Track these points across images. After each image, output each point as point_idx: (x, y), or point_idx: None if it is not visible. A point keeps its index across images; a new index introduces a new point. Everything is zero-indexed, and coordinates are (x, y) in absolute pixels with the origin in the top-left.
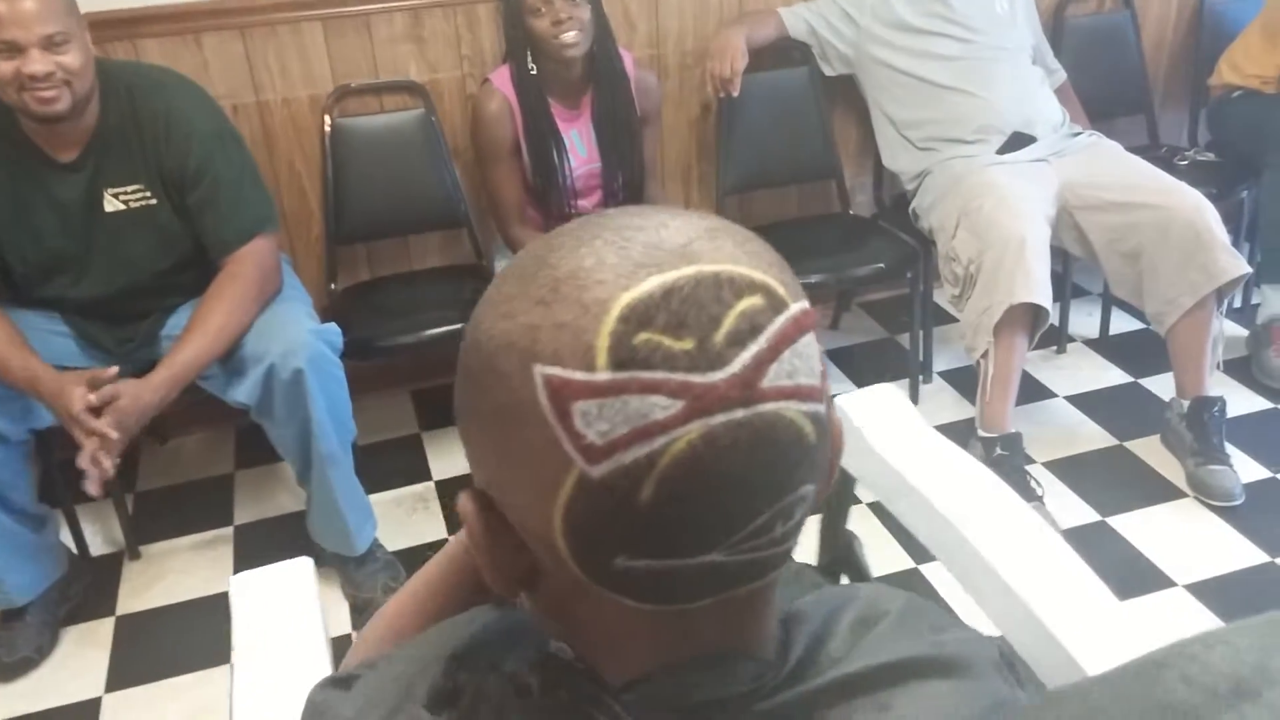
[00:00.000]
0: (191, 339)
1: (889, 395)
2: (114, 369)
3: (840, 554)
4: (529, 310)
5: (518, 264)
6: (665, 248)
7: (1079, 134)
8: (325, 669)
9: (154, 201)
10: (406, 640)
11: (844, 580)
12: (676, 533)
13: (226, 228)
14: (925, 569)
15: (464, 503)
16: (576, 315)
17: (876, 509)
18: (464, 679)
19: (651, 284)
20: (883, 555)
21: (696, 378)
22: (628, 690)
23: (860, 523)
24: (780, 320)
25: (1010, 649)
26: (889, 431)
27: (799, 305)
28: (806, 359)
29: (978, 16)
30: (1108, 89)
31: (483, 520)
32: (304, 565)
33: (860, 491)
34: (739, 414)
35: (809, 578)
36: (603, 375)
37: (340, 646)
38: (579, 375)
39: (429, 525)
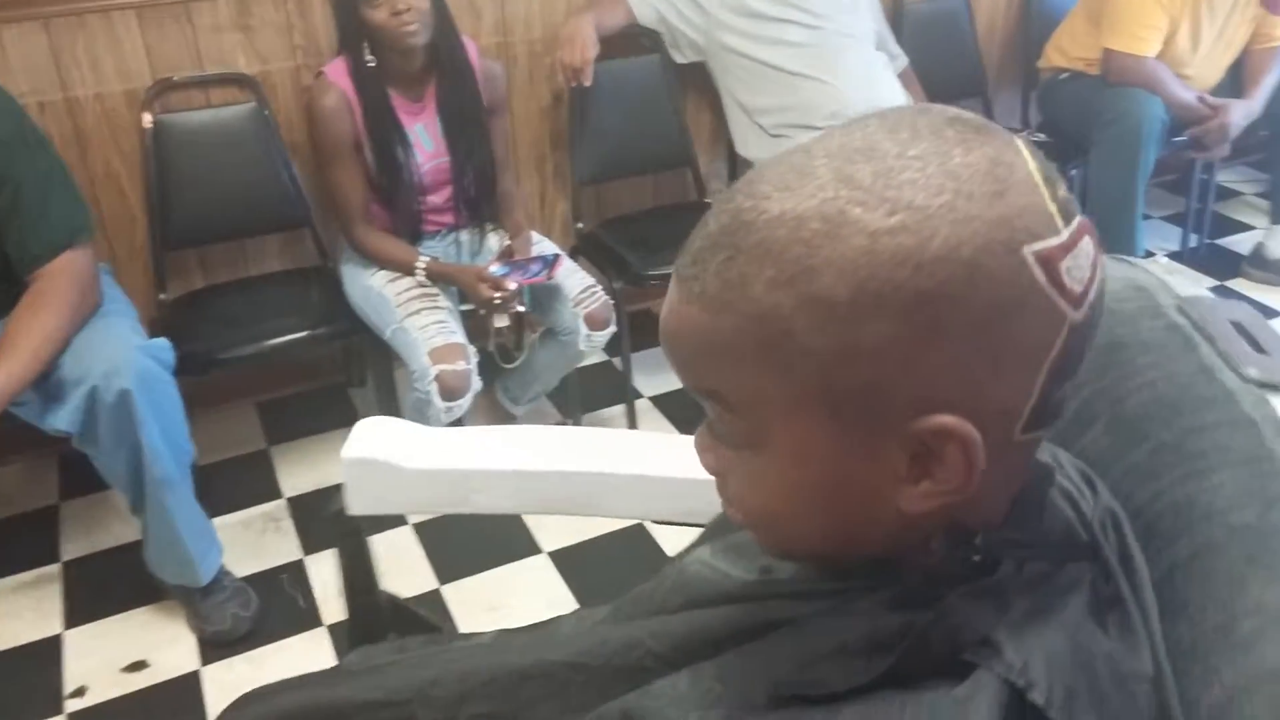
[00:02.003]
0: (0, 364)
1: (392, 422)
2: None
3: (386, 616)
4: (987, 205)
5: (889, 184)
6: (979, 126)
7: None
8: None
9: None
10: None
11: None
12: (1089, 346)
13: (34, 240)
14: (447, 588)
15: (959, 426)
16: (1025, 193)
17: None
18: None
19: (1024, 155)
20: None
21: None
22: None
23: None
24: None
25: None
26: (422, 447)
27: None
28: None
29: (823, 3)
30: (946, 73)
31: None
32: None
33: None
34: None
35: None
36: (1066, 233)
37: (184, 685)
38: (1056, 240)
39: (282, 545)
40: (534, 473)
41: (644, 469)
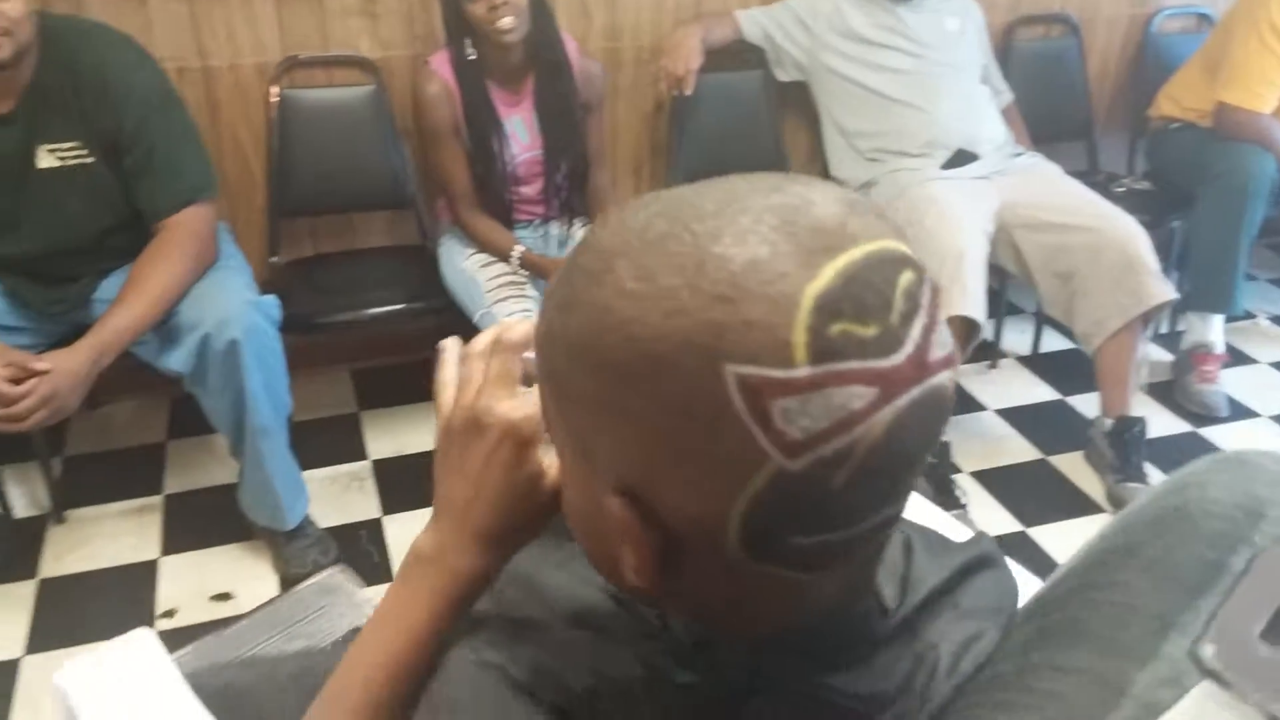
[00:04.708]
0: (125, 305)
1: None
2: (44, 365)
3: None
4: (708, 307)
5: (657, 248)
6: (828, 228)
7: (1020, 154)
8: None
9: (91, 160)
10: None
11: None
12: (855, 508)
13: (162, 193)
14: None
15: (617, 507)
16: (767, 312)
17: None
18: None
19: (831, 272)
20: None
21: (883, 362)
22: (760, 650)
23: None
24: (928, 291)
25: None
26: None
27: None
28: (946, 327)
29: (929, 32)
30: (1052, 113)
31: (639, 519)
32: (143, 639)
33: None
34: (916, 391)
35: None
36: (803, 371)
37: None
38: (778, 373)
39: (363, 503)
40: None
41: None
